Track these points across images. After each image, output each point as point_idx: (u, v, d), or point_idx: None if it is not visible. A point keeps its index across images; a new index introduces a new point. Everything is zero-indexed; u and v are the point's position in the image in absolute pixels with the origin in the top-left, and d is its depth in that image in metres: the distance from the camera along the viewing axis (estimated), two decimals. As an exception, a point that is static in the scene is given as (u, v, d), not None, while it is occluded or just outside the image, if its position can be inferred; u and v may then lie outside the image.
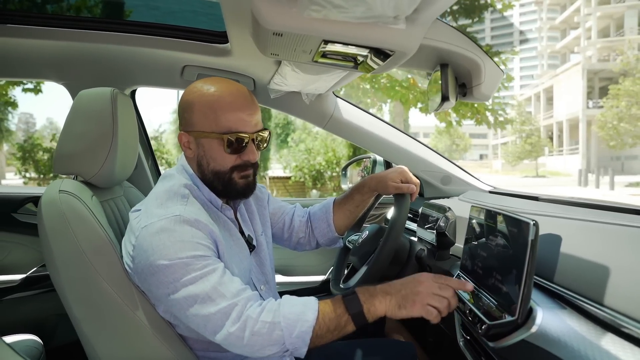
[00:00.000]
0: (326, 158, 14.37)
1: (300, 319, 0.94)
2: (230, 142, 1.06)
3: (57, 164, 1.23)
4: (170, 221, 0.98)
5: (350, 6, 0.70)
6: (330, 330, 0.96)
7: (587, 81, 35.30)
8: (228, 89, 1.09)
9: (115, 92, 1.25)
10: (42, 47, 1.47)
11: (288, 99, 1.73)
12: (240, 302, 0.95)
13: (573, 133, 38.44)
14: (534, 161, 37.59)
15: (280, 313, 0.95)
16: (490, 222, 1.00)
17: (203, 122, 1.08)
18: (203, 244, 0.98)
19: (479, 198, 1.66)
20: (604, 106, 27.38)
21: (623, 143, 25.93)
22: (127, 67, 1.62)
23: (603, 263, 0.82)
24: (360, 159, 2.35)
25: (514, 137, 40.52)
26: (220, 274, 0.97)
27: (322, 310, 0.97)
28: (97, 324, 1.14)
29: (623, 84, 25.40)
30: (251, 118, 1.08)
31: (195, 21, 1.37)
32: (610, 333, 0.71)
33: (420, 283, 0.99)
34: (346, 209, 1.43)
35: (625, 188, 20.75)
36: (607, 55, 38.69)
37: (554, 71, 43.70)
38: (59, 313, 1.85)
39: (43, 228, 1.12)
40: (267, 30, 0.86)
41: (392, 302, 0.98)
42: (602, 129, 26.61)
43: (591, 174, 24.66)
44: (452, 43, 1.13)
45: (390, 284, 1.01)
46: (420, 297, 0.97)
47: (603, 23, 41.57)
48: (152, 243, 0.97)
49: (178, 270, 0.95)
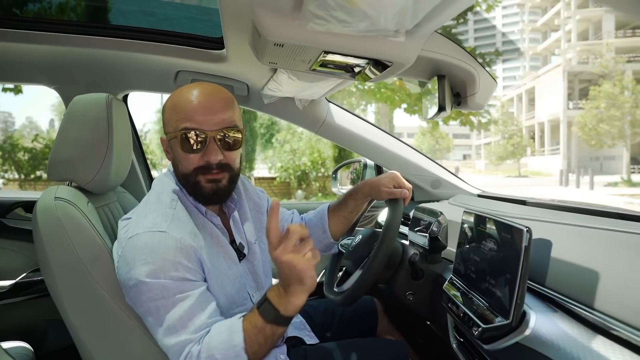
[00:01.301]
0: (311, 159, 14.36)
1: (230, 345, 0.93)
2: (184, 140, 1.04)
3: (52, 170, 1.23)
4: (155, 237, 0.98)
5: (355, 21, 0.71)
6: (262, 344, 0.95)
7: (567, 83, 35.98)
8: (197, 89, 1.07)
9: (110, 98, 1.25)
10: (34, 51, 1.46)
11: (281, 104, 1.74)
12: (195, 339, 0.96)
13: (554, 134, 39.15)
14: (516, 161, 38.16)
15: (212, 346, 0.94)
16: (483, 227, 1.02)
17: (169, 123, 1.09)
18: (184, 264, 0.98)
19: (469, 202, 1.69)
20: (584, 107, 27.96)
21: (602, 143, 26.53)
22: (120, 72, 1.61)
23: (592, 267, 0.85)
24: (350, 163, 2.37)
25: (497, 138, 41.10)
26: (193, 302, 0.97)
27: (245, 329, 0.95)
28: (94, 331, 1.13)
29: (602, 86, 25.98)
30: (212, 116, 1.04)
31: (192, 27, 1.37)
32: (601, 336, 0.74)
33: (284, 264, 0.91)
34: (341, 215, 1.44)
35: (605, 188, 21.27)
36: (587, 57, 39.51)
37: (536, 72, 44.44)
38: (49, 319, 1.84)
39: (39, 235, 1.11)
40: (268, 41, 0.87)
41: (296, 289, 0.93)
42: (582, 130, 27.17)
43: (572, 173, 25.13)
44: (448, 54, 1.16)
45: (277, 284, 0.98)
46: (298, 269, 0.90)
47: (582, 26, 42.38)
48: (135, 257, 0.97)
49: (154, 290, 0.96)
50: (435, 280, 1.33)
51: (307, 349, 1.29)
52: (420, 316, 1.46)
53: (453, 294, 1.09)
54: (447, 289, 1.13)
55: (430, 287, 1.34)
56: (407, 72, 1.11)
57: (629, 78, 26.80)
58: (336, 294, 1.37)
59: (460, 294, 1.06)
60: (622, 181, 23.71)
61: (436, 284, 1.32)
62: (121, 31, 1.41)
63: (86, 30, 1.40)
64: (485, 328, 0.89)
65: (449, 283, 1.14)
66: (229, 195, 1.17)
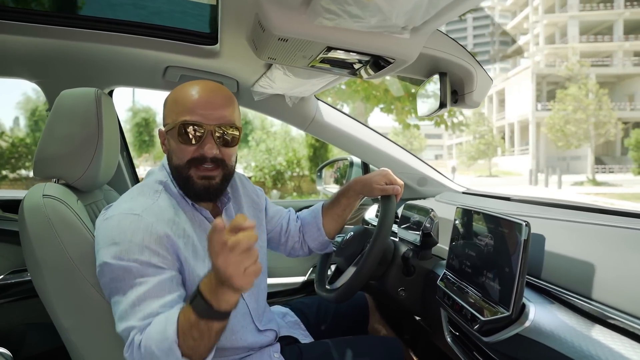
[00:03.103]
0: (287, 158, 14.35)
1: (164, 337, 0.88)
2: (182, 130, 1.04)
3: (38, 167, 1.19)
4: (128, 218, 0.99)
5: (367, 16, 0.72)
6: (197, 338, 0.88)
7: (536, 85, 37.07)
8: (200, 85, 1.09)
9: (99, 93, 1.21)
10: (15, 43, 1.40)
11: (271, 101, 1.73)
12: (140, 327, 0.92)
13: (523, 134, 40.31)
14: (487, 161, 39.05)
15: (149, 336, 0.90)
16: (479, 223, 1.05)
17: (169, 115, 1.10)
18: (152, 248, 0.97)
19: (455, 199, 1.72)
20: (551, 109, 28.87)
21: (569, 144, 27.46)
22: (106, 66, 1.56)
23: (587, 260, 0.88)
24: (335, 161, 2.38)
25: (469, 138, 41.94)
26: (148, 288, 0.94)
27: (180, 321, 0.89)
28: (85, 332, 1.10)
29: (569, 89, 26.91)
30: (212, 111, 1.05)
31: (184, 22, 1.35)
32: (598, 325, 0.77)
33: (220, 271, 0.81)
34: (334, 213, 1.45)
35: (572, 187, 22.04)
36: (554, 60, 40.78)
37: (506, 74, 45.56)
38: (28, 322, 1.78)
39: (26, 235, 1.07)
40: (272, 35, 0.86)
41: (226, 287, 0.83)
42: (550, 131, 28.08)
43: (541, 173, 25.91)
44: (448, 52, 1.18)
45: (211, 274, 0.86)
46: (231, 271, 0.80)
47: (549, 30, 43.72)
48: (106, 236, 0.98)
49: (116, 271, 0.95)
50: (426, 276, 1.35)
51: (301, 347, 1.29)
52: (412, 312, 1.48)
53: (448, 288, 1.11)
54: (441, 284, 1.15)
55: (421, 282, 1.36)
56: (407, 70, 1.12)
57: (593, 81, 27.88)
58: (329, 292, 1.37)
59: (455, 289, 1.08)
60: (588, 180, 24.62)
61: (428, 279, 1.34)
62: (109, 24, 1.37)
63: (72, 22, 1.35)
64: (485, 320, 0.91)
65: (443, 278, 1.16)
66: (221, 193, 1.16)
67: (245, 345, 1.16)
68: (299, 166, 14.33)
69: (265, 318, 1.27)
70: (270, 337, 1.24)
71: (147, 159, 25.64)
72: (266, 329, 1.24)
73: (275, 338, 1.26)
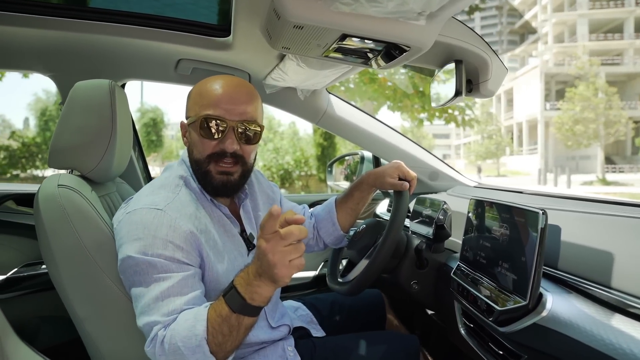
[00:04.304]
0: (294, 157, 14.36)
1: (192, 334, 0.88)
2: (204, 124, 1.05)
3: (53, 158, 1.19)
4: (151, 212, 0.99)
5: (385, 0, 0.71)
6: (227, 334, 0.88)
7: (544, 84, 36.79)
8: (224, 80, 1.10)
9: (113, 84, 1.22)
10: (29, 36, 1.41)
11: (282, 94, 1.73)
12: (164, 323, 0.92)
13: (532, 134, 40.00)
14: (496, 161, 38.83)
15: (175, 333, 0.90)
16: (493, 214, 1.04)
17: (192, 108, 1.10)
18: (175, 243, 0.97)
19: (467, 193, 1.71)
20: (560, 109, 28.65)
21: (578, 144, 27.23)
22: (119, 59, 1.57)
23: (605, 249, 0.87)
24: (345, 156, 2.37)
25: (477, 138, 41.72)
26: (172, 284, 0.94)
27: (210, 317, 0.89)
28: (100, 322, 1.11)
29: (578, 88, 26.67)
30: (236, 106, 1.06)
31: (196, 14, 1.35)
32: (618, 314, 0.76)
33: (266, 259, 0.83)
34: (348, 207, 1.44)
35: (581, 186, 21.84)
36: (563, 59, 40.44)
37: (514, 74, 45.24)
38: (42, 315, 1.79)
39: (42, 225, 1.08)
40: (287, 23, 0.86)
41: (267, 282, 0.86)
42: (559, 131, 27.85)
43: (549, 173, 25.72)
44: (463, 40, 1.17)
45: (249, 266, 0.89)
46: (277, 259, 0.82)
47: (558, 29, 43.33)
48: (129, 230, 0.98)
49: (140, 265, 0.95)
50: (439, 269, 1.34)
51: (315, 342, 1.28)
52: (424, 305, 1.47)
53: (462, 280, 1.10)
54: (455, 276, 1.14)
55: (434, 275, 1.35)
56: (420, 59, 1.11)
57: (602, 80, 27.61)
58: (341, 285, 1.37)
59: (470, 280, 1.07)
60: (597, 180, 24.42)
61: (441, 272, 1.33)
62: (121, 16, 1.37)
63: (85, 14, 1.36)
64: (501, 310, 0.90)
65: (457, 270, 1.15)
66: (239, 189, 1.16)
67: (257, 341, 1.16)
68: (306, 165, 14.34)
69: (278, 314, 1.27)
70: (284, 332, 1.24)
71: (155, 158, 25.82)
72: (279, 325, 1.24)
73: (288, 332, 1.26)
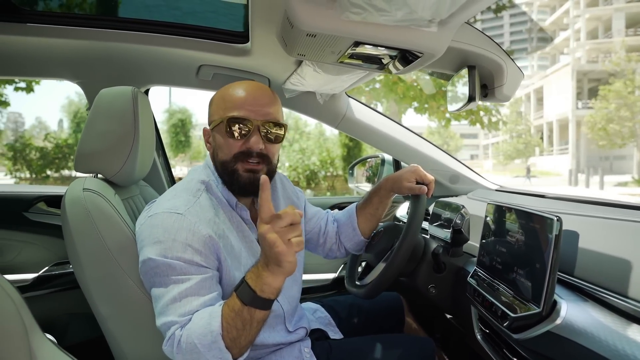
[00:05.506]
0: (320, 158, 14.40)
1: (208, 331, 0.92)
2: (230, 125, 1.08)
3: (79, 163, 1.25)
4: (172, 217, 1.02)
5: (393, 9, 0.72)
6: (240, 329, 0.92)
7: (576, 82, 35.70)
8: (246, 84, 1.14)
9: (135, 91, 1.26)
10: (58, 46, 1.48)
11: (302, 99, 1.75)
12: (181, 323, 0.96)
13: (563, 133, 38.85)
14: (525, 161, 37.93)
15: (191, 331, 0.94)
16: (510, 219, 1.03)
17: (215, 112, 1.14)
18: (194, 247, 1.00)
19: (488, 196, 1.68)
20: (593, 107, 27.72)
21: (612, 143, 26.29)
22: (143, 66, 1.63)
23: (624, 257, 0.85)
24: (367, 159, 2.37)
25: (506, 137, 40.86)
26: (190, 285, 0.98)
27: (224, 313, 0.93)
28: (123, 321, 1.15)
29: (613, 85, 25.72)
30: (259, 107, 1.09)
31: (216, 21, 1.39)
32: (636, 324, 0.74)
33: (266, 241, 0.87)
34: (368, 213, 1.45)
35: (615, 187, 21.08)
36: (596, 56, 39.19)
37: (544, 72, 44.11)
38: (71, 312, 1.86)
39: (67, 226, 1.13)
40: (300, 31, 0.88)
41: (273, 269, 0.89)
42: (591, 130, 26.95)
43: (581, 173, 24.95)
44: (477, 45, 1.16)
45: (259, 261, 0.93)
46: (278, 251, 0.86)
47: (591, 25, 42.01)
48: (150, 233, 1.02)
49: (160, 267, 0.99)
50: (457, 273, 1.33)
51: (332, 344, 1.29)
52: (442, 309, 1.46)
53: (479, 285, 1.09)
54: (472, 281, 1.13)
55: (452, 280, 1.35)
56: (435, 64, 1.11)
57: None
58: (359, 287, 1.38)
59: (486, 285, 1.07)
60: (633, 181, 23.48)
61: (458, 276, 1.33)
62: (145, 25, 1.43)
63: (110, 24, 1.42)
64: (515, 317, 0.89)
65: (474, 275, 1.14)
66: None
67: (274, 343, 1.19)
68: (332, 166, 14.36)
69: (296, 317, 1.29)
70: (301, 334, 1.26)
71: (183, 159, 26.30)
72: (296, 328, 1.25)
73: (305, 334, 1.27)
